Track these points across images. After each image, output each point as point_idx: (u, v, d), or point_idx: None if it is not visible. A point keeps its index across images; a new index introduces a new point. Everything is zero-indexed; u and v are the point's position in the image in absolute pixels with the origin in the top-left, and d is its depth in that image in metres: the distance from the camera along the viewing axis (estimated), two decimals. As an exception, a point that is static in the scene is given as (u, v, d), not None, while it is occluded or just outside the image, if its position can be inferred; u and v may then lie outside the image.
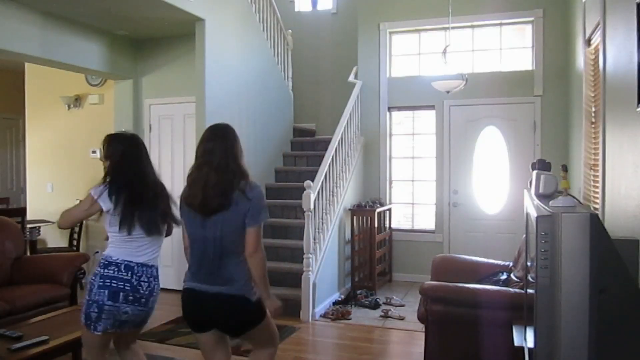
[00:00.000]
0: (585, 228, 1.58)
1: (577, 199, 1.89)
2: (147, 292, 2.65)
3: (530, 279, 2.09)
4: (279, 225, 5.77)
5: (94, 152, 6.36)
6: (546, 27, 6.01)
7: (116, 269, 2.60)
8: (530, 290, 2.11)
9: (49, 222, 6.31)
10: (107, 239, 2.72)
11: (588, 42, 4.16)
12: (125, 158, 2.68)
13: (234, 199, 2.36)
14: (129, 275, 2.61)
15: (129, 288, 2.59)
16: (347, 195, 5.92)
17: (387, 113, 6.72)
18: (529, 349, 2.07)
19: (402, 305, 5.36)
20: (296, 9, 8.35)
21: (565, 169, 2.13)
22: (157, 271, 2.74)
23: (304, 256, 4.93)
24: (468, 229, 6.35)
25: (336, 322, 4.90)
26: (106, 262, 2.63)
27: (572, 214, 1.62)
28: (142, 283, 2.64)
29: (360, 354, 4.16)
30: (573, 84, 5.28)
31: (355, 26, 6.95)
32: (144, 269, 2.66)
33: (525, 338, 2.33)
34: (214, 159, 2.39)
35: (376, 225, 5.91)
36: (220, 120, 5.81)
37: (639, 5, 2.21)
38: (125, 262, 2.63)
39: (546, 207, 1.77)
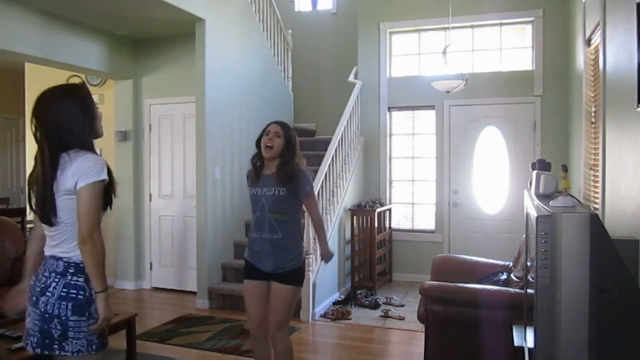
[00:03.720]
0: (585, 228, 1.58)
1: (577, 199, 1.89)
2: (38, 290, 1.98)
3: (530, 279, 2.09)
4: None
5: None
6: (546, 27, 6.01)
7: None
8: (530, 290, 2.11)
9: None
10: None
11: (588, 42, 4.17)
12: None
13: None
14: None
15: (31, 285, 2.05)
16: (347, 195, 5.92)
17: (387, 113, 6.72)
18: (529, 349, 2.07)
19: (402, 305, 5.36)
20: (296, 9, 8.35)
21: (565, 169, 2.13)
22: (64, 266, 1.97)
23: (304, 256, 4.92)
24: (468, 229, 6.35)
25: (336, 322, 4.90)
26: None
27: (572, 214, 1.62)
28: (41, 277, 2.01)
29: (360, 354, 4.16)
30: (573, 84, 5.28)
31: (355, 26, 6.95)
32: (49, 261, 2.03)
33: (525, 338, 2.33)
34: None
35: (376, 225, 5.91)
36: (220, 120, 5.86)
37: (639, 5, 2.21)
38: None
39: (546, 207, 1.77)
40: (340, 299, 5.45)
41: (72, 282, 1.95)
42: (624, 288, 1.64)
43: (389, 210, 6.54)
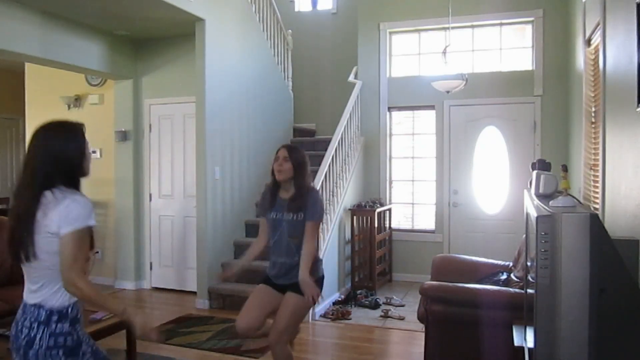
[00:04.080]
0: (585, 228, 1.58)
1: (577, 199, 1.89)
2: (24, 343, 1.89)
3: (530, 279, 2.09)
4: (279, 225, 5.76)
5: (94, 152, 6.36)
6: (546, 27, 6.01)
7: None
8: (530, 290, 2.11)
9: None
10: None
11: (588, 42, 4.17)
12: None
13: None
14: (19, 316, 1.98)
15: (13, 334, 1.95)
16: (347, 195, 5.92)
17: (387, 113, 6.72)
18: (529, 349, 2.07)
19: (402, 305, 5.36)
20: (296, 9, 8.35)
21: (565, 169, 2.13)
22: (47, 315, 1.88)
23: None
24: (468, 229, 6.35)
25: (336, 322, 4.90)
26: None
27: (572, 214, 1.62)
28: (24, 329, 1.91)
29: (360, 354, 4.16)
30: (573, 84, 5.28)
31: (355, 26, 6.95)
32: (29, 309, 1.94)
33: (525, 338, 2.33)
34: None
35: (376, 225, 5.91)
36: (220, 120, 5.86)
37: (639, 5, 2.21)
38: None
39: (546, 207, 1.77)
40: (340, 299, 5.45)
41: (57, 331, 1.87)
42: (624, 288, 1.64)
43: (389, 210, 6.54)
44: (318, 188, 5.04)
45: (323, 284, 3.12)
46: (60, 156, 1.88)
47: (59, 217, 1.81)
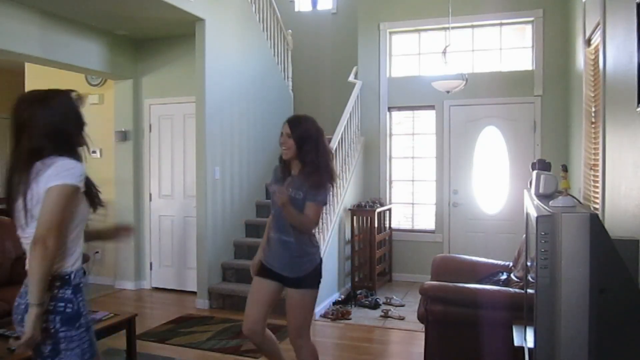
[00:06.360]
0: (585, 228, 1.58)
1: (577, 199, 1.89)
2: (23, 307, 1.89)
3: (530, 279, 2.09)
4: (279, 225, 5.77)
5: (93, 152, 6.36)
6: (546, 27, 6.01)
7: None
8: (530, 290, 2.11)
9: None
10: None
11: (588, 42, 4.17)
12: None
13: None
14: None
15: (15, 304, 1.95)
16: (347, 195, 5.92)
17: (387, 113, 6.72)
18: (529, 349, 2.07)
19: (402, 305, 5.36)
20: (296, 9, 8.35)
21: (565, 169, 2.13)
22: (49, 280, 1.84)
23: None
24: (468, 229, 6.35)
25: (336, 322, 4.90)
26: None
27: (572, 214, 1.62)
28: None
29: (360, 354, 4.16)
30: (573, 84, 5.28)
31: (355, 26, 6.95)
32: None
33: (525, 338, 2.33)
34: None
35: (376, 225, 5.91)
36: (220, 120, 5.86)
37: (639, 5, 2.21)
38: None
39: (546, 207, 1.77)
40: (340, 299, 5.45)
41: (59, 295, 1.83)
42: (624, 288, 1.64)
43: (389, 210, 6.54)
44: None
45: (321, 271, 2.91)
46: (50, 128, 1.84)
47: (47, 177, 1.78)
